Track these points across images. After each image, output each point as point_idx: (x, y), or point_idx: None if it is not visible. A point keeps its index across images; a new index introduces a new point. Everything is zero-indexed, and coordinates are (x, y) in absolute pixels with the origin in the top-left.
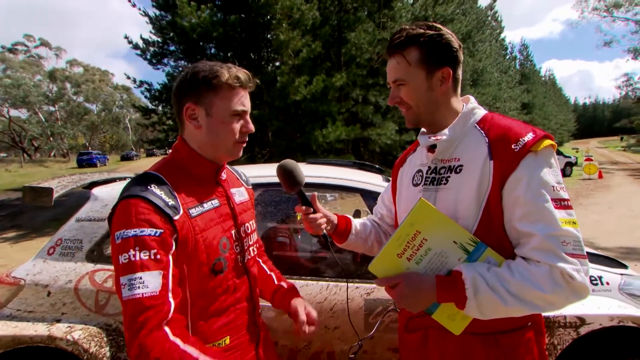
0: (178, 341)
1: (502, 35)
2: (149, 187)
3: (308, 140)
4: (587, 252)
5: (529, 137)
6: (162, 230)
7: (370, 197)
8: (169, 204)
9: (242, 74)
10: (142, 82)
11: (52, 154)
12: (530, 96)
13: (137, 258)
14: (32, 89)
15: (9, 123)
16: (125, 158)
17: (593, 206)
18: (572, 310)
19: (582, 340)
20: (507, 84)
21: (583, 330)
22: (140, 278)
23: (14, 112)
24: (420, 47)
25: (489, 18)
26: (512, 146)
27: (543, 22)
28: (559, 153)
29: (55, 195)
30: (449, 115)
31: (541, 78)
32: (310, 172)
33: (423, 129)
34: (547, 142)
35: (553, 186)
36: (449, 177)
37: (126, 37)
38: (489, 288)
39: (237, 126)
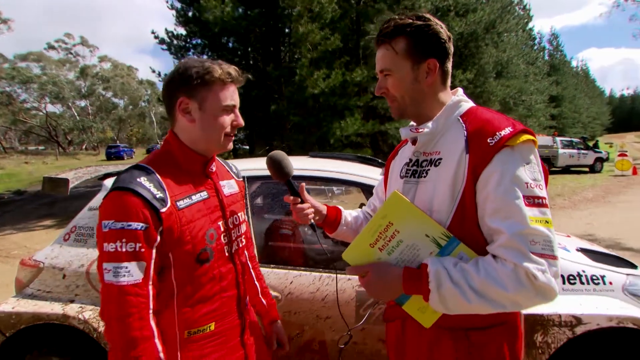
0: (160, 347)
1: (531, 25)
2: (138, 179)
3: (326, 134)
4: (593, 251)
5: (506, 131)
6: (147, 225)
7: (368, 190)
8: (157, 196)
9: (233, 70)
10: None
11: (84, 147)
12: (559, 88)
13: (124, 249)
14: (66, 85)
15: (46, 118)
16: (151, 151)
17: (623, 204)
18: (568, 309)
19: (578, 340)
20: (535, 76)
21: (579, 330)
22: (126, 267)
23: (49, 108)
24: (407, 37)
25: (516, 6)
26: (488, 140)
27: (589, 5)
28: (588, 148)
29: (70, 185)
30: (436, 108)
31: (572, 69)
32: (311, 165)
33: (412, 122)
34: (526, 136)
35: (527, 183)
36: (428, 170)
37: (153, 33)
38: (451, 283)
39: (227, 120)
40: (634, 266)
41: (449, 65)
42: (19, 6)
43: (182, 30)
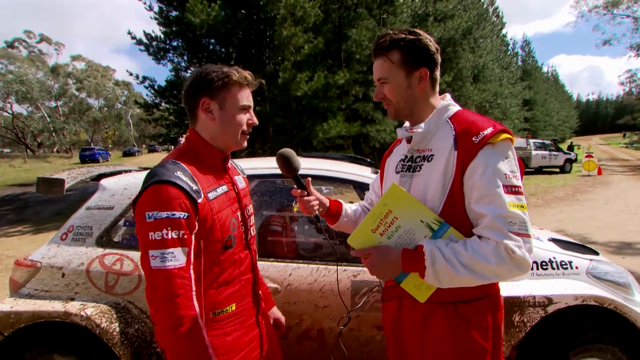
0: (202, 325)
1: (505, 31)
2: (175, 173)
3: (309, 136)
4: (562, 240)
5: (488, 130)
6: (189, 214)
7: (360, 187)
8: (193, 189)
9: (248, 74)
10: (144, 78)
11: (55, 149)
12: (531, 93)
13: (169, 236)
14: (35, 84)
15: (12, 119)
16: (127, 154)
17: (589, 202)
18: (541, 291)
19: (550, 318)
20: (509, 80)
21: (551, 309)
22: (172, 253)
23: (16, 108)
24: (401, 50)
25: (490, 14)
26: (473, 138)
27: (558, 13)
28: (559, 150)
29: (66, 185)
30: (427, 110)
31: (543, 74)
32: (305, 164)
33: (406, 123)
34: (504, 135)
35: (505, 174)
36: (422, 165)
37: (129, 33)
38: (444, 259)
39: (244, 118)
40: (596, 253)
41: (438, 73)
42: None
43: (160, 33)
